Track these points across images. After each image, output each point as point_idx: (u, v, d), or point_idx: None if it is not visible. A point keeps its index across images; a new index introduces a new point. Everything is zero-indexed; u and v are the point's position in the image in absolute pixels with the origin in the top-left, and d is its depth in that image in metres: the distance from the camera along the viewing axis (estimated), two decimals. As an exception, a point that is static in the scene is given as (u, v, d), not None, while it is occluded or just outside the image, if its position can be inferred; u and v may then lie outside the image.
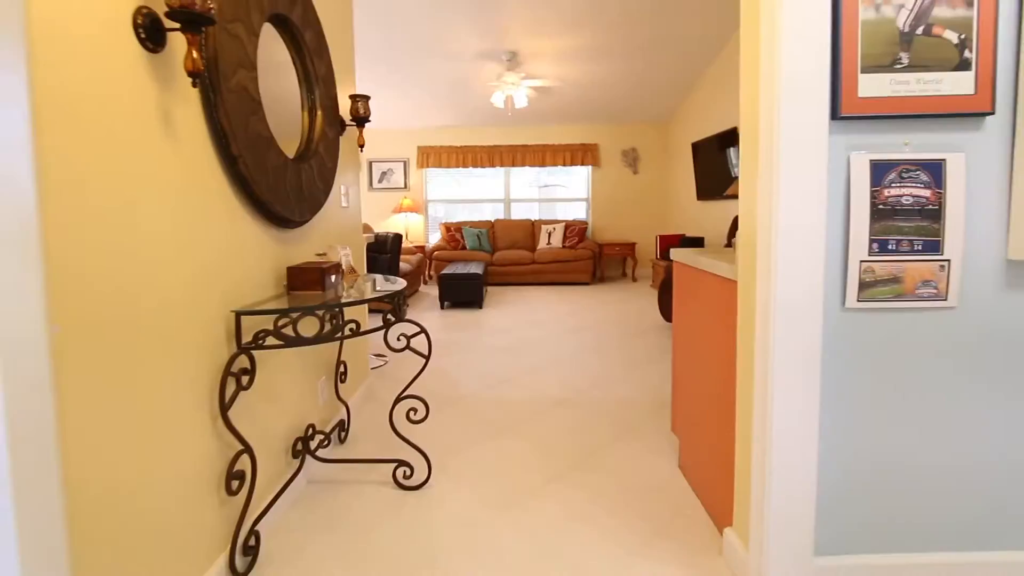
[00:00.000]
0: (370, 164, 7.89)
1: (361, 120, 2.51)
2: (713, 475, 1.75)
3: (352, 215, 2.75)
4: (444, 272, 5.46)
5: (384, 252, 3.61)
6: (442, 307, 5.51)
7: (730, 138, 5.57)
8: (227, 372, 1.42)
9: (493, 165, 7.76)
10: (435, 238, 8.02)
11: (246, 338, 1.50)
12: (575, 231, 7.32)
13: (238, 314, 1.48)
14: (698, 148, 6.41)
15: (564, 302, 5.83)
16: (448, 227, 7.49)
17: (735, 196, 5.12)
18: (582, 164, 7.75)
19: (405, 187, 7.92)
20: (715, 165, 6.06)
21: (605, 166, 7.85)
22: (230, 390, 1.44)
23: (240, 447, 1.47)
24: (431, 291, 6.71)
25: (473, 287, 5.42)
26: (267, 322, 1.53)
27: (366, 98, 2.49)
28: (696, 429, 1.92)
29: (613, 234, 7.96)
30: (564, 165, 7.75)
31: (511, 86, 5.78)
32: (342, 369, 2.40)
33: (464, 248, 7.34)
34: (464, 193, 8.17)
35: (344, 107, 2.57)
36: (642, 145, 7.80)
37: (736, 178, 5.71)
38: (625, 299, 5.96)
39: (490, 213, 8.16)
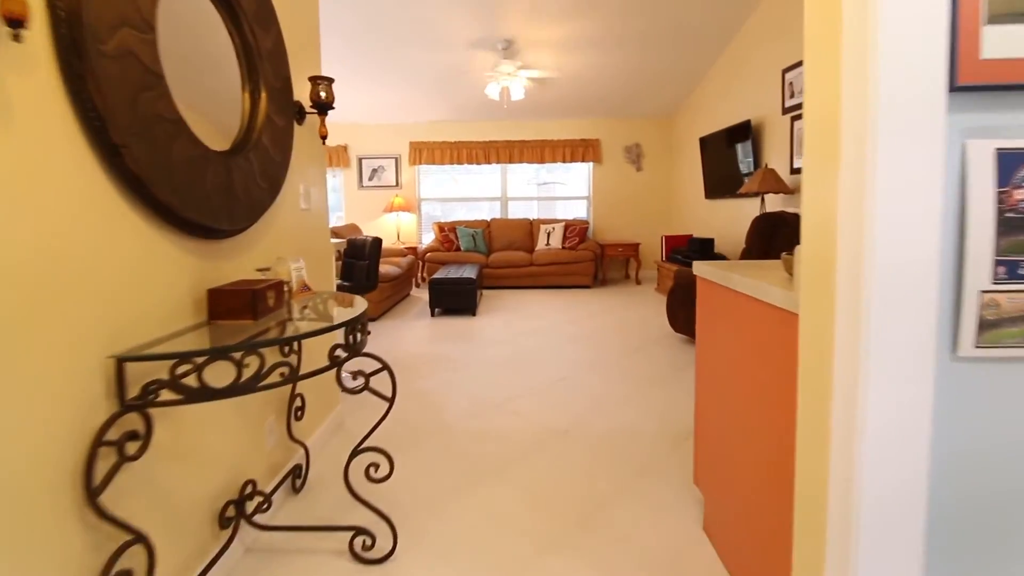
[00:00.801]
0: (360, 161, 7.50)
1: (323, 106, 2.12)
2: (750, 546, 1.37)
3: (315, 218, 2.37)
4: (434, 277, 5.07)
5: (361, 258, 3.22)
6: (432, 314, 5.13)
7: (739, 133, 5.18)
8: (98, 441, 1.04)
9: (489, 161, 7.36)
10: (429, 238, 7.63)
11: (133, 391, 1.11)
12: (575, 231, 6.94)
13: (119, 360, 1.10)
14: (706, 143, 6.01)
15: (564, 308, 5.45)
16: (441, 227, 7.10)
17: (749, 195, 4.73)
18: (583, 160, 7.35)
19: (397, 185, 7.53)
20: (724, 162, 5.67)
21: (607, 162, 7.46)
22: (107, 463, 1.06)
23: (128, 536, 1.09)
24: (423, 295, 6.33)
25: (465, 293, 5.04)
26: (163, 368, 1.14)
27: (329, 80, 2.11)
28: (728, 487, 1.54)
29: (615, 234, 7.58)
30: (564, 161, 7.35)
31: (507, 77, 5.38)
32: (299, 403, 2.02)
33: (458, 249, 6.95)
34: (459, 191, 7.78)
35: (304, 91, 2.18)
36: (646, 140, 7.41)
37: (746, 175, 5.35)
38: (629, 304, 5.58)
39: (487, 212, 7.77)
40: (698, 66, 5.90)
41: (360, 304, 1.66)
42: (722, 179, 5.69)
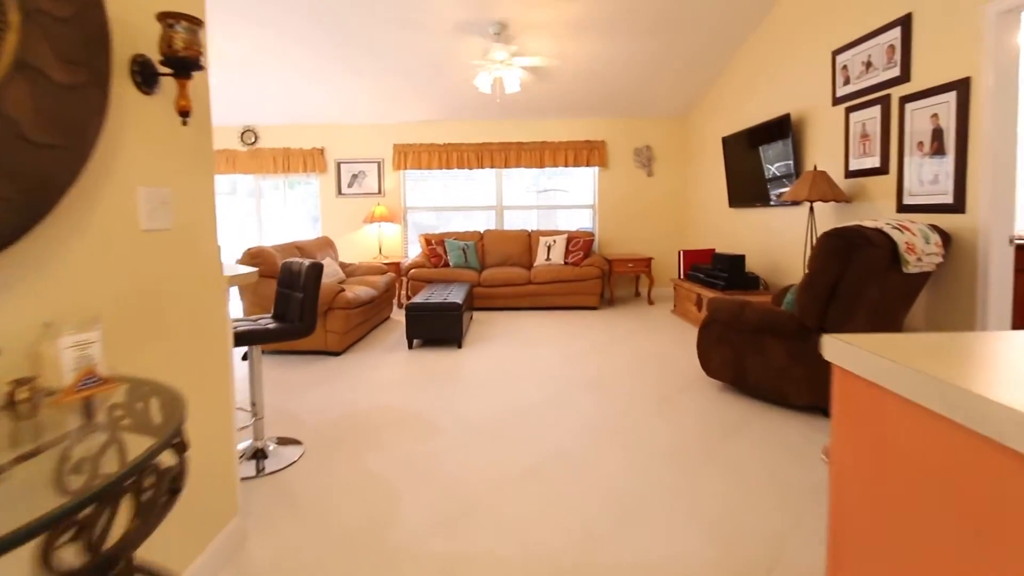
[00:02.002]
0: (338, 165, 6.70)
1: (181, 64, 1.31)
2: None
3: (186, 243, 1.54)
4: (413, 302, 4.24)
5: (295, 289, 2.40)
6: (410, 346, 4.29)
7: (774, 130, 4.38)
8: None
9: (482, 166, 6.56)
10: (417, 252, 6.81)
11: None
12: (579, 244, 6.12)
13: None
14: (730, 144, 5.21)
15: (568, 336, 4.61)
16: (428, 239, 6.29)
17: (788, 204, 3.91)
18: (587, 165, 6.55)
19: (379, 192, 6.73)
20: (752, 165, 4.85)
21: (614, 167, 6.65)
22: None
23: None
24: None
25: (449, 321, 4.21)
26: None
27: (191, 20, 1.29)
28: None
29: (624, 247, 6.75)
30: (565, 166, 6.55)
31: (499, 66, 4.59)
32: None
33: (447, 265, 6.13)
34: (450, 199, 6.98)
35: (150, 37, 1.37)
36: (658, 142, 6.60)
37: (776, 180, 4.53)
38: (644, 331, 4.74)
39: (483, 222, 6.95)
40: (721, 54, 5.10)
41: (174, 415, 0.83)
42: (749, 185, 4.87)
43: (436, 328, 4.22)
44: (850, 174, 3.58)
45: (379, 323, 5.16)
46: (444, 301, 4.26)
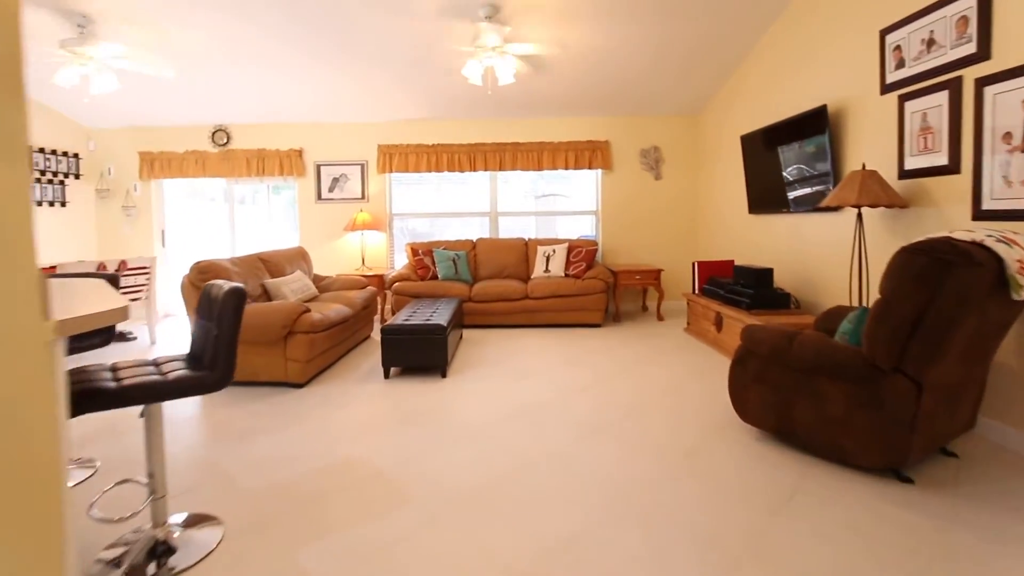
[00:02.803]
0: (318, 168, 6.14)
1: None
2: None
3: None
4: (389, 324, 3.66)
5: (213, 321, 1.80)
6: (386, 376, 3.70)
7: (794, 129, 3.83)
8: None
9: (474, 168, 6.00)
10: (405, 262, 6.24)
11: None
12: (581, 254, 5.54)
13: None
14: (750, 143, 4.65)
15: (568, 362, 4.02)
16: (415, 249, 5.71)
17: (831, 208, 3.34)
18: (589, 167, 5.98)
19: (363, 197, 6.16)
20: (772, 166, 4.29)
21: (619, 170, 6.09)
22: None
23: None
24: (386, 339, 4.92)
25: (432, 347, 3.62)
26: None
27: None
28: None
29: (631, 257, 6.18)
30: (566, 168, 5.98)
31: (491, 53, 4.03)
32: None
33: (435, 277, 5.56)
34: (442, 205, 6.41)
35: None
36: (667, 142, 6.04)
37: (804, 180, 3.95)
38: (656, 355, 4.15)
39: (477, 230, 6.38)
40: (740, 41, 4.55)
41: None
42: (774, 188, 4.30)
43: (417, 354, 3.64)
44: (906, 174, 3.01)
45: (356, 345, 4.57)
46: (426, 323, 3.67)
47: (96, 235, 6.27)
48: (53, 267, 4.19)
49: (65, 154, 5.83)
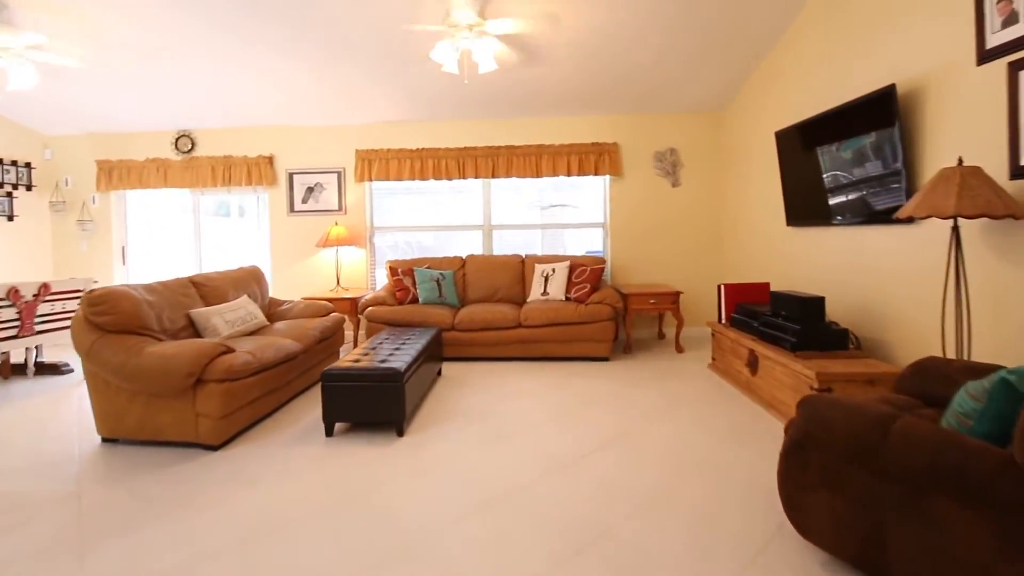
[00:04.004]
0: (290, 177, 5.48)
1: None
2: None
3: None
4: (330, 369, 2.89)
5: None
6: (329, 433, 2.93)
7: (847, 119, 3.00)
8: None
9: (464, 176, 5.26)
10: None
11: None
12: (586, 274, 4.73)
13: None
14: (787, 141, 3.81)
15: (563, 413, 3.21)
16: (394, 268, 4.98)
17: (904, 220, 2.50)
18: (595, 173, 5.19)
19: (340, 209, 5.47)
20: (816, 167, 3.46)
21: (630, 175, 5.29)
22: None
23: None
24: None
25: (385, 397, 2.85)
26: None
27: None
28: None
29: (644, 276, 5.35)
30: (568, 174, 5.20)
31: (467, 33, 3.30)
32: None
33: (415, 301, 4.81)
34: (431, 217, 5.66)
35: None
36: (685, 144, 5.23)
37: (870, 182, 3.03)
38: (675, 404, 3.30)
39: (473, 245, 5.60)
40: (776, 16, 3.74)
41: None
42: (816, 193, 3.45)
43: (367, 406, 2.86)
44: (1020, 172, 2.16)
45: (310, 386, 3.82)
46: (379, 366, 2.90)
47: (51, 252, 5.70)
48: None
49: (15, 163, 5.28)
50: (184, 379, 2.61)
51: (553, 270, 4.85)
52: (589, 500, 2.17)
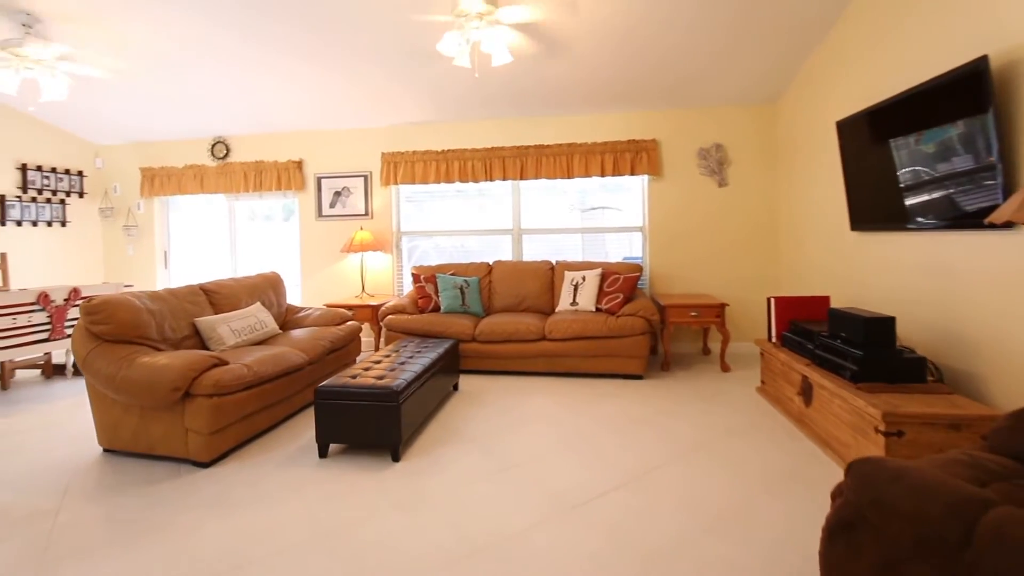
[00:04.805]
0: (318, 181, 5.43)
1: None
2: None
3: None
4: (323, 386, 2.70)
5: None
6: (322, 454, 2.74)
7: (909, 109, 2.47)
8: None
9: (491, 178, 5.00)
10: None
11: None
12: (618, 282, 4.35)
13: None
14: (850, 132, 3.28)
15: (581, 439, 2.86)
16: (417, 275, 4.79)
17: (1004, 225, 1.99)
18: (631, 173, 4.79)
19: (367, 213, 5.36)
20: (887, 162, 2.92)
21: (671, 175, 4.84)
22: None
23: None
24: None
25: (381, 418, 2.62)
26: None
27: None
28: None
29: (686, 285, 4.88)
30: (602, 175, 4.83)
31: (476, 22, 3.03)
32: None
33: (437, 309, 4.59)
34: (460, 222, 5.44)
35: None
36: (733, 139, 4.72)
37: (955, 178, 2.45)
38: (714, 435, 2.88)
39: (503, 249, 5.32)
40: (822, 12, 3.23)
41: None
42: (888, 192, 2.91)
43: (361, 427, 2.64)
44: None
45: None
46: (375, 384, 2.68)
47: (103, 257, 5.95)
48: None
49: (67, 172, 5.54)
50: (170, 393, 2.49)
51: (583, 278, 4.49)
52: (591, 557, 1.83)
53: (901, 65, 2.90)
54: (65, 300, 3.99)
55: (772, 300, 3.52)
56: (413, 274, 4.81)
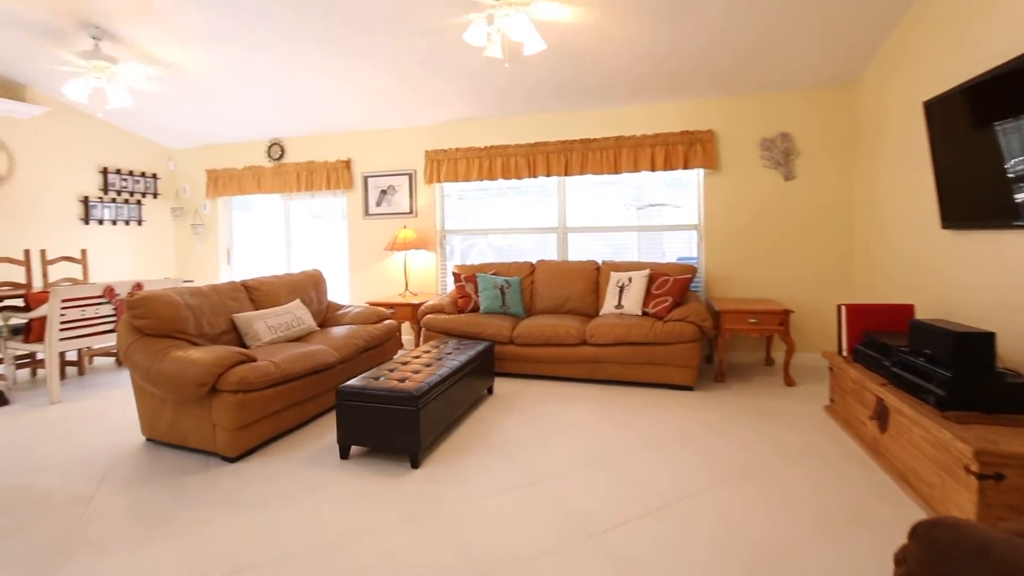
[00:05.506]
0: (365, 180, 5.49)
1: None
2: None
3: None
4: (344, 387, 2.64)
5: None
6: (344, 456, 2.68)
7: (1010, 91, 2.02)
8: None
9: (534, 174, 4.83)
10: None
11: None
12: (668, 284, 4.04)
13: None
14: (941, 113, 2.80)
15: (618, 457, 2.63)
16: (457, 275, 4.71)
17: None
18: (684, 167, 4.44)
19: (411, 212, 5.35)
20: (981, 148, 2.45)
21: (729, 168, 4.45)
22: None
23: None
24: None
25: (398, 422, 2.53)
26: None
27: None
28: None
29: (745, 289, 4.47)
30: (652, 169, 4.51)
31: (505, 10, 2.87)
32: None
33: (476, 309, 4.48)
34: (505, 220, 5.30)
35: None
36: (801, 127, 4.26)
37: None
38: (771, 455, 2.55)
39: (551, 248, 5.12)
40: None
41: None
42: (990, 183, 2.44)
43: (381, 431, 2.56)
44: None
45: (354, 395, 3.65)
46: (394, 387, 2.59)
47: (174, 254, 6.35)
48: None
49: (143, 174, 5.95)
50: (196, 388, 2.52)
51: (629, 279, 4.21)
52: (605, 597, 1.62)
53: (1009, 25, 2.42)
54: (129, 294, 4.24)
55: (842, 307, 3.10)
56: (454, 273, 4.73)
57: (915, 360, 2.30)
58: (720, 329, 3.90)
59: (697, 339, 3.68)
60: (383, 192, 5.45)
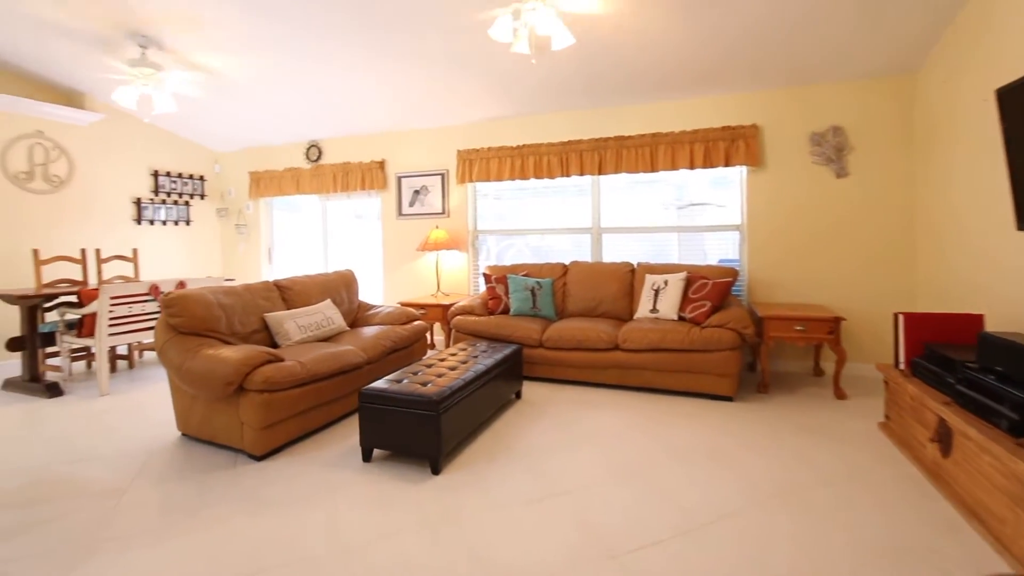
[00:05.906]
0: (399, 180, 5.52)
1: None
2: None
3: None
4: (367, 389, 2.62)
5: None
6: (366, 459, 2.67)
7: None
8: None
9: (567, 173, 4.71)
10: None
11: None
12: (706, 288, 3.84)
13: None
14: (1016, 102, 2.51)
15: (645, 472, 2.50)
16: (488, 276, 4.65)
17: None
18: (726, 165, 4.22)
19: (443, 212, 5.34)
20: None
21: (775, 165, 4.19)
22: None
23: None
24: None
25: (419, 427, 2.48)
26: None
27: None
28: None
29: (791, 293, 4.21)
30: (691, 167, 4.31)
31: (532, 3, 2.78)
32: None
33: (507, 311, 4.41)
34: (539, 221, 5.21)
35: None
36: (854, 121, 3.96)
37: None
38: (815, 477, 2.36)
39: (583, 249, 4.99)
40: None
41: None
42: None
43: (402, 434, 2.53)
44: None
45: (382, 396, 3.65)
46: (415, 391, 2.55)
47: (220, 253, 6.59)
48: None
49: (191, 177, 6.20)
50: (224, 387, 2.56)
51: (665, 282, 4.04)
52: (625, 626, 1.51)
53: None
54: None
55: (900, 316, 2.84)
56: (484, 274, 4.67)
57: (984, 378, 2.06)
58: (764, 336, 3.67)
59: (737, 346, 3.48)
60: (416, 192, 5.46)
